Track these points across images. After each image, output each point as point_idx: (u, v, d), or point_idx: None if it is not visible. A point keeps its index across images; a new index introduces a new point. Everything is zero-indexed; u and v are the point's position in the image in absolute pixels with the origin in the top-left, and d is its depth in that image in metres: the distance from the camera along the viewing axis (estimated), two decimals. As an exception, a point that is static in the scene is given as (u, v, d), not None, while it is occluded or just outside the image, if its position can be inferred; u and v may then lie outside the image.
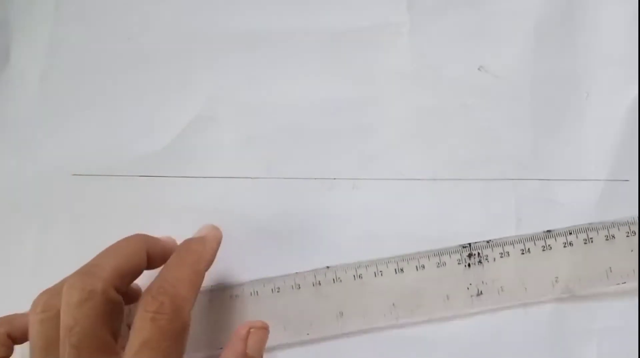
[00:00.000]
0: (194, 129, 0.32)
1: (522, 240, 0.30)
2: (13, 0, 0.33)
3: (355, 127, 0.32)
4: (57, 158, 0.32)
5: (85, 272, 0.25)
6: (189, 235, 0.30)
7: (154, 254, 0.27)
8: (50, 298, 0.25)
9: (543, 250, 0.30)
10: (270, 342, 0.29)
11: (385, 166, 0.32)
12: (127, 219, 0.32)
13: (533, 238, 0.30)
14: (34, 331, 0.25)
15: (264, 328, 0.28)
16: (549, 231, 0.30)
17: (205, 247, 0.28)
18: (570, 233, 0.30)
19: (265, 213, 0.31)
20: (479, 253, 0.30)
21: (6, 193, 0.32)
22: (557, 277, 0.30)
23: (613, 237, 0.30)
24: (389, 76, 0.32)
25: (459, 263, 0.30)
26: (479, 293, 0.30)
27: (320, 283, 0.30)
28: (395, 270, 0.30)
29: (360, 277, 0.30)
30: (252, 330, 0.28)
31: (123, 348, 0.24)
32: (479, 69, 0.32)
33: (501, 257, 0.30)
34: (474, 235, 0.30)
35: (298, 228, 0.31)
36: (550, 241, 0.30)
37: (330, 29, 0.33)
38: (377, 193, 0.31)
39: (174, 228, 0.31)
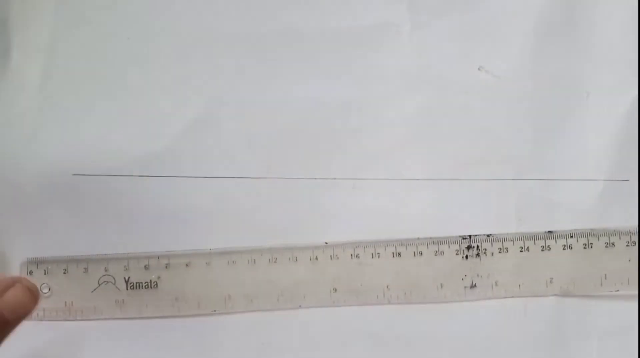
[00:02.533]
0: (194, 129, 0.32)
1: (522, 238, 0.30)
2: (13, 0, 0.33)
3: (355, 127, 0.32)
4: (57, 158, 0.32)
5: None
6: (189, 236, 0.30)
7: None
8: None
9: (542, 250, 0.30)
10: (264, 311, 0.29)
11: (385, 166, 0.32)
12: (127, 219, 0.32)
13: (534, 237, 0.30)
14: None
15: (33, 294, 0.23)
16: (550, 232, 0.30)
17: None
18: (572, 237, 0.30)
19: (266, 213, 0.31)
20: (478, 246, 0.30)
21: (6, 193, 0.32)
22: (552, 278, 0.30)
23: (613, 245, 0.30)
24: (389, 76, 0.32)
25: (457, 254, 0.30)
26: (473, 286, 0.30)
27: (317, 259, 0.31)
28: (393, 253, 0.31)
29: (357, 256, 0.31)
30: (18, 284, 0.23)
31: None
32: (479, 69, 0.32)
33: (499, 252, 0.30)
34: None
35: (298, 228, 0.31)
36: (550, 242, 0.30)
37: (330, 29, 0.32)
38: (377, 194, 0.31)
39: (174, 228, 0.31)
